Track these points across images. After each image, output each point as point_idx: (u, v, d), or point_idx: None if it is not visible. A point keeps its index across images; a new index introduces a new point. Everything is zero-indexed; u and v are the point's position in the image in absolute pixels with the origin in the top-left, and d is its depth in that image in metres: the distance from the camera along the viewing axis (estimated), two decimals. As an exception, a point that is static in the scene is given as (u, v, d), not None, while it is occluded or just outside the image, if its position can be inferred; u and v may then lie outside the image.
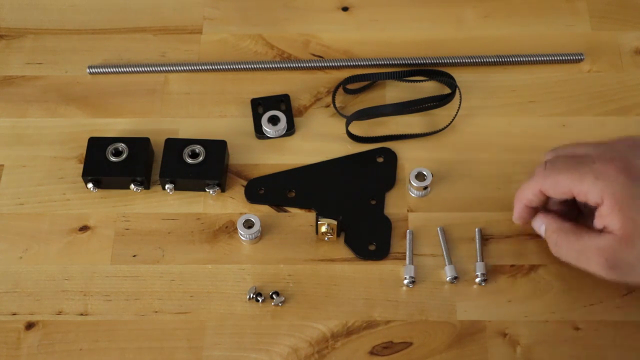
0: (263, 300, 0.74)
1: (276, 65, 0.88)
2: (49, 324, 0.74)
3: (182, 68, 0.87)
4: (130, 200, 0.80)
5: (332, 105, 0.85)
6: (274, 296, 0.74)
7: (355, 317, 0.74)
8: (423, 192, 0.79)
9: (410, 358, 0.72)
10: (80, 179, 0.80)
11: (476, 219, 0.78)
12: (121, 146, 0.80)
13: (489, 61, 0.87)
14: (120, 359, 0.72)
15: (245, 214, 0.78)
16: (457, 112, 0.83)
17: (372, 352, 0.72)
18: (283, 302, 0.74)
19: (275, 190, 0.80)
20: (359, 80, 0.86)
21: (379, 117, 0.84)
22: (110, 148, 0.80)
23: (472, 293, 0.75)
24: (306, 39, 0.90)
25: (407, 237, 0.77)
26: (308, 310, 0.74)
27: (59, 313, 0.74)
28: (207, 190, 0.79)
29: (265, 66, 0.87)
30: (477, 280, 0.74)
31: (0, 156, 0.83)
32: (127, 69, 0.87)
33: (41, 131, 0.84)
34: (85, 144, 0.81)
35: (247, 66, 0.87)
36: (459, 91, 0.84)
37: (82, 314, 0.74)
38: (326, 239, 0.77)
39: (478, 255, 0.76)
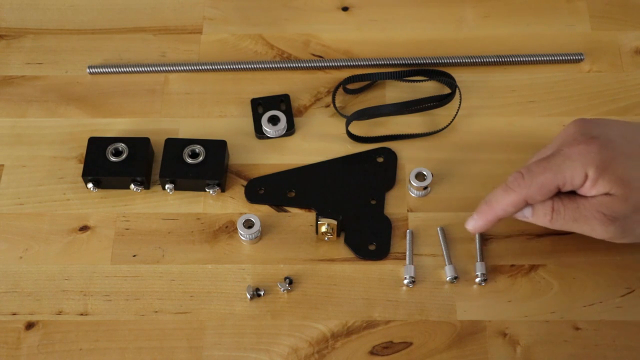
0: (265, 294, 0.74)
1: (276, 65, 0.88)
2: (49, 324, 0.74)
3: (182, 68, 0.87)
4: (130, 200, 0.80)
5: (332, 105, 0.85)
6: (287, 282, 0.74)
7: (355, 317, 0.74)
8: (423, 192, 0.79)
9: (410, 358, 0.72)
10: (80, 179, 0.80)
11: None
12: (121, 146, 0.80)
13: (489, 61, 0.87)
14: (120, 359, 0.72)
15: (245, 214, 0.78)
16: (457, 112, 0.83)
17: (372, 352, 0.72)
18: (289, 290, 0.74)
19: (275, 190, 0.80)
20: (359, 80, 0.86)
21: (379, 117, 0.84)
22: (110, 148, 0.80)
23: (472, 293, 0.75)
24: (306, 39, 0.90)
25: (407, 237, 0.77)
26: (308, 310, 0.74)
27: (59, 313, 0.74)
28: (207, 190, 0.79)
29: (265, 66, 0.87)
30: (477, 280, 0.75)
31: (0, 156, 0.83)
32: (127, 69, 0.87)
33: (41, 131, 0.84)
34: (85, 144, 0.81)
35: (247, 66, 0.87)
36: (459, 91, 0.84)
37: (82, 314, 0.74)
38: (326, 239, 0.77)
39: (478, 255, 0.76)
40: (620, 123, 0.71)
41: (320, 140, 0.83)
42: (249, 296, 0.74)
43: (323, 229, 0.76)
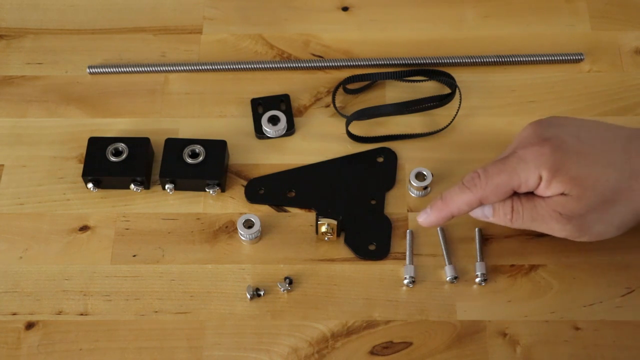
0: (265, 294, 0.74)
1: (276, 65, 0.88)
2: (49, 324, 0.74)
3: (182, 68, 0.87)
4: (130, 200, 0.80)
5: (332, 105, 0.85)
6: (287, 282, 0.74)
7: (355, 317, 0.74)
8: (423, 192, 0.79)
9: (410, 358, 0.72)
10: (80, 179, 0.80)
11: (476, 218, 0.78)
12: (121, 146, 0.80)
13: (489, 61, 0.87)
14: (120, 359, 0.72)
15: (245, 214, 0.78)
16: (457, 112, 0.83)
17: (372, 352, 0.72)
18: (289, 290, 0.74)
19: (275, 190, 0.80)
20: (359, 80, 0.86)
21: (379, 117, 0.84)
22: (110, 148, 0.80)
23: (472, 293, 0.75)
24: (306, 39, 0.90)
25: (407, 237, 0.77)
26: (308, 310, 0.74)
27: (59, 313, 0.74)
28: (207, 190, 0.79)
29: (265, 66, 0.87)
30: (477, 280, 0.75)
31: (0, 156, 0.83)
32: (127, 69, 0.87)
33: (41, 131, 0.84)
34: (85, 144, 0.81)
35: (247, 66, 0.87)
36: (459, 91, 0.84)
37: (82, 314, 0.74)
38: (326, 239, 0.77)
39: (478, 255, 0.76)
40: (574, 123, 0.72)
41: (320, 140, 0.83)
42: (249, 296, 0.74)
43: (323, 229, 0.76)
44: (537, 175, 0.69)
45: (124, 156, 0.80)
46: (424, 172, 0.79)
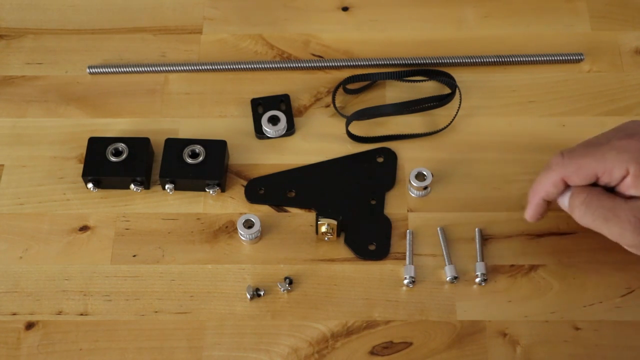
0: (265, 294, 0.74)
1: (276, 65, 0.88)
2: (49, 324, 0.74)
3: (182, 68, 0.87)
4: (130, 200, 0.80)
5: (332, 105, 0.85)
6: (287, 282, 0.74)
7: (355, 317, 0.74)
8: (423, 192, 0.79)
9: (410, 358, 0.72)
10: (80, 179, 0.80)
11: (476, 219, 0.78)
12: (121, 146, 0.80)
13: (489, 61, 0.87)
14: (120, 359, 0.72)
15: (245, 214, 0.78)
16: (457, 112, 0.83)
17: (372, 352, 0.72)
18: (289, 290, 0.74)
19: (275, 190, 0.80)
20: (359, 80, 0.86)
21: (379, 117, 0.84)
22: (110, 148, 0.80)
23: (472, 293, 0.75)
24: (306, 39, 0.90)
25: (407, 237, 0.77)
26: (308, 310, 0.74)
27: (59, 313, 0.74)
28: (207, 190, 0.79)
29: (265, 66, 0.87)
30: (477, 280, 0.75)
31: (0, 156, 0.83)
32: (127, 69, 0.87)
33: (41, 131, 0.84)
34: (85, 144, 0.81)
35: (247, 66, 0.87)
36: (459, 91, 0.84)
37: (82, 314, 0.74)
38: (326, 239, 0.77)
39: (478, 255, 0.76)
40: None
41: (320, 140, 0.83)
42: (249, 296, 0.74)
43: (323, 229, 0.76)
44: (625, 167, 0.66)
45: (124, 156, 0.80)
46: (424, 172, 0.79)
